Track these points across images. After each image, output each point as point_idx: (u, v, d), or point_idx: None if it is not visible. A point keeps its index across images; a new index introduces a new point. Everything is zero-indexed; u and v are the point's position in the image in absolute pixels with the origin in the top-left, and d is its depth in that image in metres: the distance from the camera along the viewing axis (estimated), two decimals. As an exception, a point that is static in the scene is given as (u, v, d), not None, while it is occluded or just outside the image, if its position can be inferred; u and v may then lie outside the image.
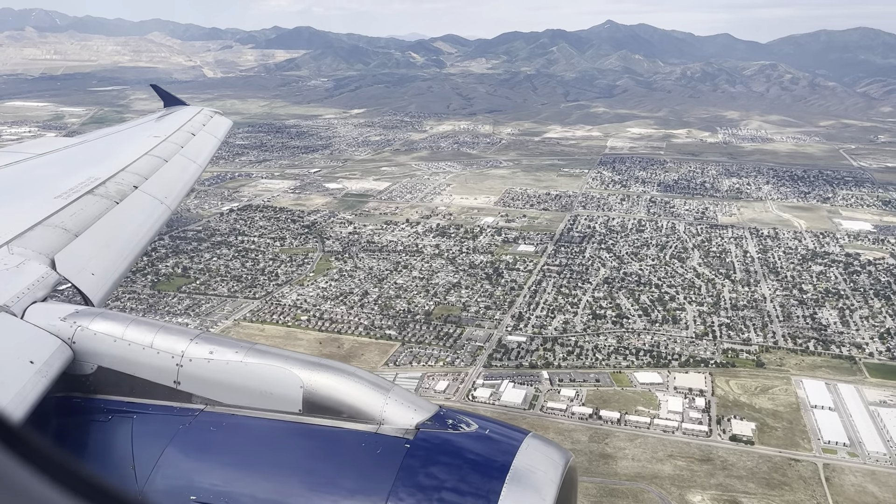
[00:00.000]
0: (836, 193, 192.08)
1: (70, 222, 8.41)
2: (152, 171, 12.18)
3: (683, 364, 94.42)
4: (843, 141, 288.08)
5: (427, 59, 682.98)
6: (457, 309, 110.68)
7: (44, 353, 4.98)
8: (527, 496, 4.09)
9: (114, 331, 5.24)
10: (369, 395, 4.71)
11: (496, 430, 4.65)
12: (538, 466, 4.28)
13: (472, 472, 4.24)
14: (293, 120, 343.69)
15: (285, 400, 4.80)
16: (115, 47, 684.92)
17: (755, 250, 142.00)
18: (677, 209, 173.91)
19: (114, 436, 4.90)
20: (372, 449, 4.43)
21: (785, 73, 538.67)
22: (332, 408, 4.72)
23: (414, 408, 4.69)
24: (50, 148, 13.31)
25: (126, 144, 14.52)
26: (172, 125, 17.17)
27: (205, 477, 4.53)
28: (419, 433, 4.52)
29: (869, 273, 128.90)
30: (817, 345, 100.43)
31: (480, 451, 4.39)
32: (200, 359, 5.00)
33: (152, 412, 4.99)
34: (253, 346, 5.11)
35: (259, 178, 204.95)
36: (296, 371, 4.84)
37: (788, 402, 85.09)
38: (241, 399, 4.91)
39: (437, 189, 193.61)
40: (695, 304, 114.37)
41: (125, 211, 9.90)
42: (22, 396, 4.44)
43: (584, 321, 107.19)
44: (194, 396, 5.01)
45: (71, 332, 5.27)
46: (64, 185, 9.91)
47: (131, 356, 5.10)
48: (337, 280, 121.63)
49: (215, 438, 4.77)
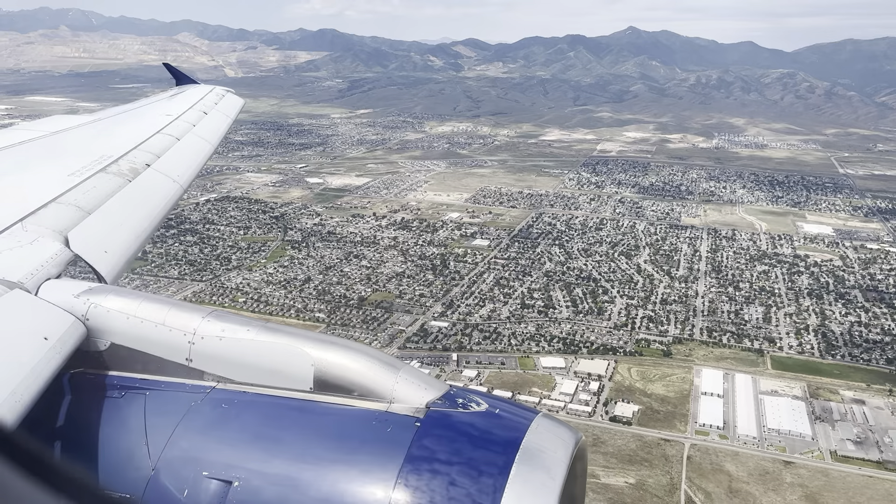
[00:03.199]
0: (809, 198, 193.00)
1: (83, 200, 8.41)
2: (164, 150, 12.20)
3: (593, 351, 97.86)
4: (839, 149, 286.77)
5: (445, 62, 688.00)
6: (392, 296, 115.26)
7: (58, 330, 5.01)
8: (536, 475, 4.10)
9: (126, 308, 5.27)
10: (380, 374, 4.73)
11: (506, 410, 4.66)
12: (548, 446, 4.31)
13: (482, 452, 4.26)
14: (299, 119, 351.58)
15: (296, 378, 4.83)
16: (142, 46, 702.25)
17: (706, 250, 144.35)
18: (644, 210, 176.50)
19: (127, 412, 4.94)
20: (382, 427, 4.46)
21: (802, 82, 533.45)
22: (342, 386, 4.75)
23: (424, 386, 4.68)
24: (63, 126, 13.25)
25: (138, 123, 14.57)
26: (185, 103, 17.12)
27: (217, 453, 4.57)
28: (429, 412, 4.53)
29: (811, 273, 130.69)
30: (731, 338, 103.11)
31: (490, 431, 4.42)
32: (212, 336, 5.04)
33: (164, 389, 5.02)
34: (265, 325, 5.17)
35: (245, 172, 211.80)
36: (307, 349, 4.88)
37: (681, 388, 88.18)
38: (253, 376, 4.94)
39: (414, 185, 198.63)
40: (626, 297, 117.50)
41: (138, 189, 9.93)
42: (37, 373, 4.49)
43: (512, 310, 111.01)
44: (206, 374, 5.04)
45: (84, 309, 5.30)
46: (77, 163, 9.90)
47: (144, 333, 5.16)
48: (286, 267, 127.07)
49: (227, 415, 4.79)
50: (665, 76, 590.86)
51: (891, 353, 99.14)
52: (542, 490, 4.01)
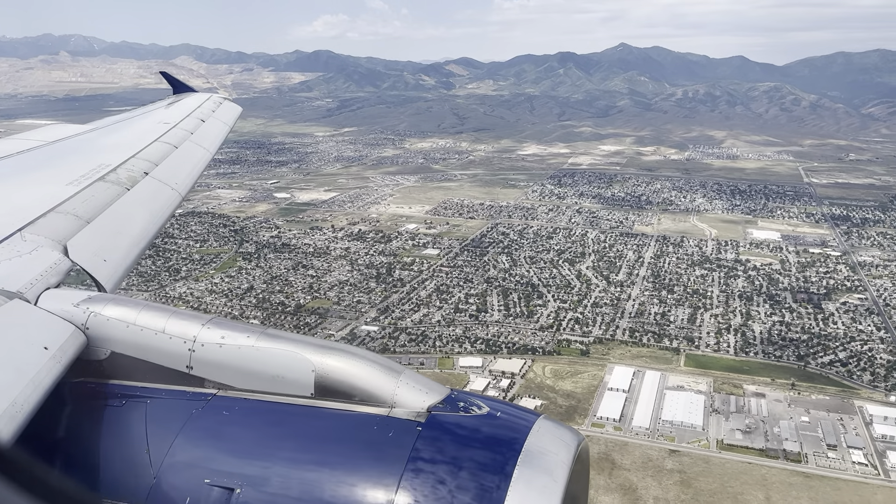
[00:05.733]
0: (766, 206, 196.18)
1: (82, 209, 8.42)
2: (162, 158, 12.26)
3: (513, 351, 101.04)
4: (812, 159, 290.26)
5: (438, 81, 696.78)
6: (330, 303, 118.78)
7: (58, 339, 4.96)
8: (539, 478, 4.07)
9: (126, 316, 5.23)
10: (381, 379, 4.65)
11: (507, 413, 4.62)
12: (550, 448, 4.28)
13: (484, 455, 4.20)
14: (283, 137, 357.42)
15: (297, 384, 4.79)
16: (138, 70, 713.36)
17: (650, 256, 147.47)
18: (600, 219, 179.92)
19: (128, 420, 4.89)
20: (384, 432, 4.41)
21: (788, 95, 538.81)
22: (343, 391, 4.69)
23: (425, 391, 4.61)
24: (61, 135, 13.31)
25: (136, 131, 14.66)
26: (182, 111, 17.19)
27: (218, 461, 4.52)
28: (431, 416, 4.47)
29: (748, 277, 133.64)
30: (652, 338, 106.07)
31: (492, 434, 4.35)
32: (212, 343, 5.00)
33: (165, 397, 4.99)
34: (265, 331, 5.12)
35: (216, 189, 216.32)
36: (307, 355, 4.81)
37: (590, 385, 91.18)
38: (254, 383, 4.89)
39: (379, 199, 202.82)
40: (559, 301, 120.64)
41: (136, 197, 9.98)
42: (36, 383, 4.43)
43: (444, 314, 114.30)
44: (207, 381, 5.01)
45: (84, 318, 5.26)
46: (75, 172, 9.94)
47: (144, 341, 5.12)
48: (232, 277, 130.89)
49: (228, 422, 4.74)
50: (653, 91, 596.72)
51: (803, 350, 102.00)
52: (545, 492, 4.02)
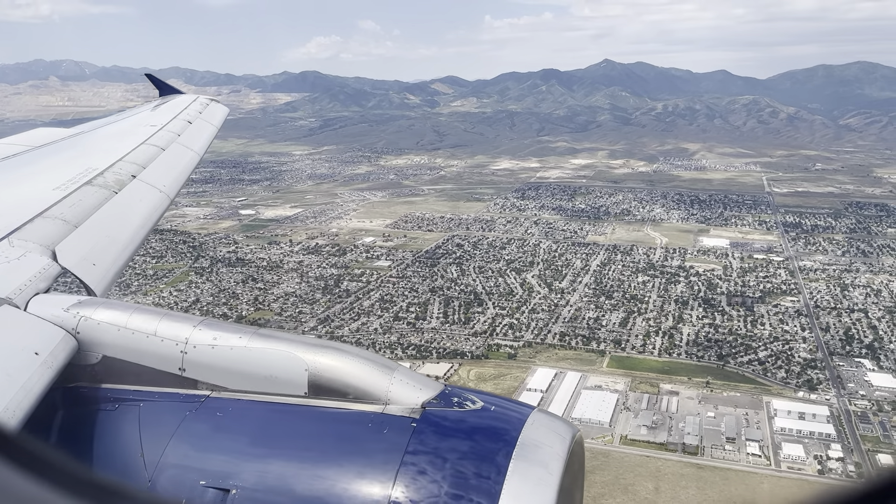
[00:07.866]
0: (722, 215, 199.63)
1: (69, 213, 8.39)
2: (150, 160, 12.21)
3: (443, 356, 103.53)
4: (780, 169, 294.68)
5: (423, 99, 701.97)
6: (272, 314, 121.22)
7: (48, 345, 4.93)
8: (534, 471, 4.09)
9: (117, 320, 5.18)
10: (374, 376, 4.69)
11: (501, 407, 4.65)
12: (544, 441, 4.30)
13: (479, 449, 4.24)
14: (261, 157, 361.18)
15: (290, 383, 4.79)
16: (125, 93, 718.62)
17: (597, 264, 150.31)
18: (555, 230, 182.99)
19: (121, 424, 4.86)
20: (378, 429, 4.43)
21: (766, 107, 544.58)
22: (337, 389, 4.70)
23: (419, 387, 4.64)
24: (47, 139, 13.25)
25: (123, 134, 14.38)
26: (168, 114, 17.14)
27: (213, 462, 4.51)
28: (425, 412, 4.50)
29: (689, 283, 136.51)
30: (581, 341, 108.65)
31: (486, 428, 4.40)
32: (204, 345, 4.98)
33: (158, 399, 4.96)
34: (257, 331, 5.11)
35: (182, 206, 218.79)
36: (300, 354, 4.83)
37: (510, 386, 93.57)
38: (247, 384, 4.89)
39: (342, 214, 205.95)
40: (498, 308, 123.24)
41: (124, 200, 9.93)
42: (27, 389, 4.41)
43: (383, 323, 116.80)
44: (200, 383, 4.97)
45: (75, 323, 5.20)
46: (62, 177, 9.87)
47: (135, 345, 5.08)
48: (181, 291, 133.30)
49: (222, 424, 4.74)
50: (634, 106, 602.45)
51: (726, 351, 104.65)
52: (541, 485, 4.06)
